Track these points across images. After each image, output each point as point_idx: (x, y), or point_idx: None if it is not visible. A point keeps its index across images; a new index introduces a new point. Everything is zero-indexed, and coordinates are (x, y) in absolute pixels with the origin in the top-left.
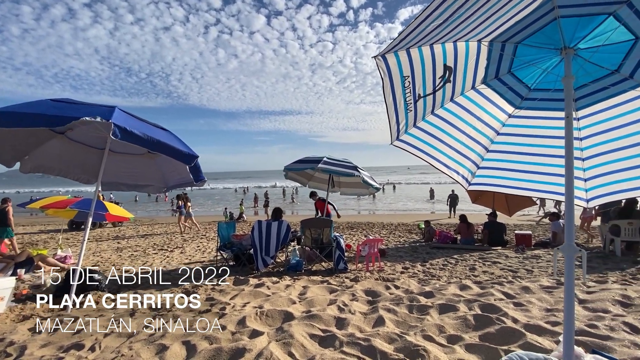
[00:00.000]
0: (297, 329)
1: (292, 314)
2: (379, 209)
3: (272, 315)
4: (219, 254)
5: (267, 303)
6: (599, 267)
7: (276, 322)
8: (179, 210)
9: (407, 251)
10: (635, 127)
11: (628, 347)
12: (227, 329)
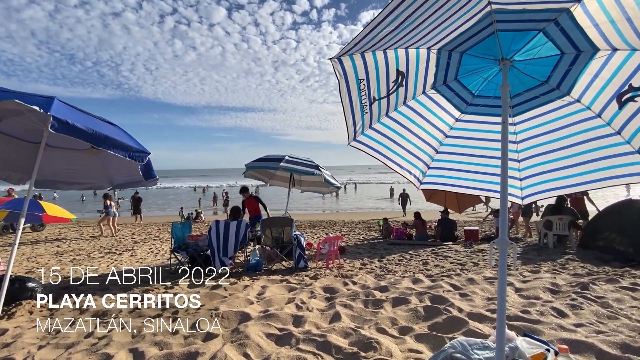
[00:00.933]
0: (253, 329)
1: (249, 314)
2: (341, 207)
3: (227, 317)
4: (173, 256)
5: (223, 305)
6: (534, 259)
7: (232, 323)
8: (106, 211)
9: (366, 248)
10: (561, 132)
11: (555, 330)
12: (180, 333)
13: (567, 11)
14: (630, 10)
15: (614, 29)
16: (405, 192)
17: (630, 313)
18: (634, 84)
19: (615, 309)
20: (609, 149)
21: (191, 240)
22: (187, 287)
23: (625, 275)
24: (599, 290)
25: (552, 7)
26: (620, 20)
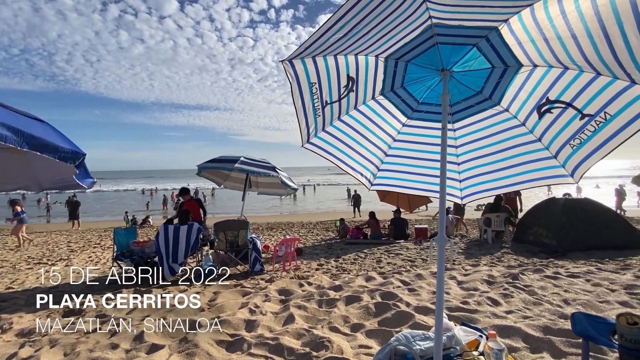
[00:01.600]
0: (203, 337)
1: (199, 322)
2: (300, 208)
3: (175, 327)
4: (115, 265)
5: (170, 314)
6: (475, 253)
7: (180, 333)
8: (19, 218)
9: (323, 248)
10: (493, 138)
11: (489, 317)
12: (120, 347)
13: (496, 29)
14: (546, 32)
15: (534, 47)
16: (357, 194)
17: (552, 299)
18: (550, 97)
19: (539, 295)
20: (532, 154)
21: (136, 246)
22: (131, 297)
23: (549, 265)
24: (527, 280)
25: (483, 25)
26: (538, 40)
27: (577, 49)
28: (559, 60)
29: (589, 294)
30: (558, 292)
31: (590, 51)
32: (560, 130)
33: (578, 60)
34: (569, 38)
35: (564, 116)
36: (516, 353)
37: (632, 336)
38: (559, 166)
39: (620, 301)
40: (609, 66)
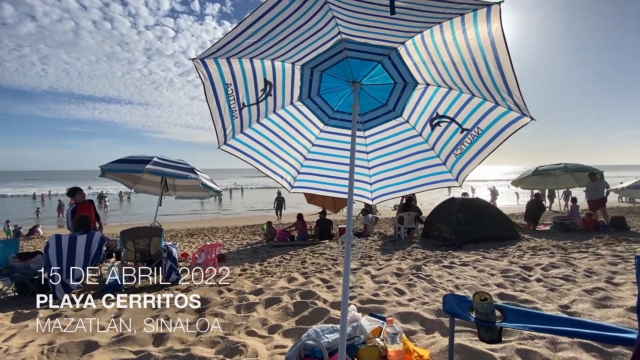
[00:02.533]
0: (100, 357)
1: (97, 342)
2: (225, 212)
3: (67, 350)
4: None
5: (61, 337)
6: (390, 249)
7: (72, 356)
8: None
9: (249, 253)
10: (397, 146)
11: (394, 306)
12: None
13: (396, 50)
14: (433, 56)
15: (426, 68)
16: (281, 196)
17: (446, 285)
18: (439, 112)
19: (436, 283)
20: (427, 160)
21: (17, 262)
22: (9, 321)
23: (448, 257)
24: (428, 270)
25: (385, 44)
26: (428, 62)
27: (456, 73)
28: (444, 81)
29: (475, 279)
30: (451, 279)
31: (465, 76)
32: (447, 141)
33: (457, 82)
34: (450, 63)
35: (449, 129)
36: (414, 335)
37: (482, 310)
38: (447, 171)
39: (497, 283)
40: (479, 89)
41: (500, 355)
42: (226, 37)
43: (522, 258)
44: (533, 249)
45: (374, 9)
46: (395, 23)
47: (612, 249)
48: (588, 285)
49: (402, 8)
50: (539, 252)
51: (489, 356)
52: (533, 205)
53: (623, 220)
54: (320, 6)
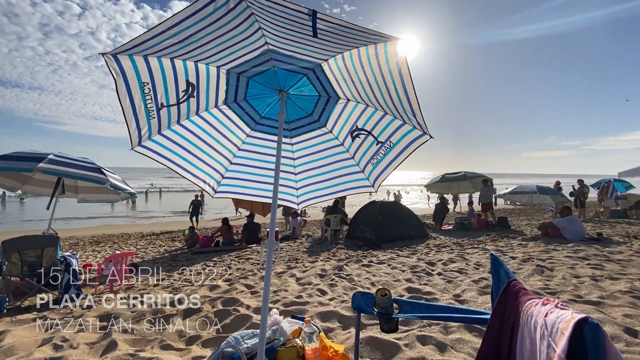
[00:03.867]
0: None
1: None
2: (140, 217)
3: None
4: None
5: None
6: (317, 251)
7: None
8: None
9: (167, 261)
10: (322, 154)
11: (316, 307)
12: None
13: (320, 65)
14: (352, 76)
15: (346, 85)
16: (198, 200)
17: (363, 283)
18: (358, 125)
19: (355, 282)
20: (348, 168)
21: None
22: None
23: (367, 256)
24: (349, 270)
25: (310, 59)
26: (348, 80)
27: (370, 92)
28: (362, 98)
29: (388, 276)
30: (369, 277)
31: (378, 95)
32: (365, 151)
33: (372, 100)
34: (366, 83)
35: (367, 141)
36: (332, 332)
37: (383, 304)
38: (365, 178)
39: (406, 278)
40: (389, 108)
41: (404, 343)
42: (144, 35)
43: (428, 255)
44: (438, 247)
45: (298, 28)
46: (318, 43)
47: (495, 244)
48: (476, 276)
49: (323, 31)
50: (442, 249)
51: (394, 345)
52: (439, 207)
53: (506, 220)
54: (246, 16)
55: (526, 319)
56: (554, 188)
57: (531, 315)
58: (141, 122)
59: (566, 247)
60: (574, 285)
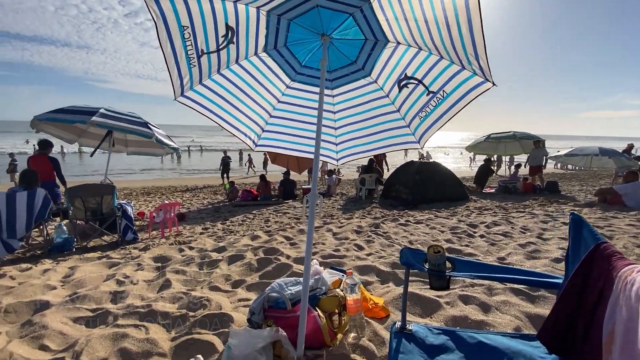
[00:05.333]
0: (54, 317)
1: (49, 302)
2: (184, 171)
3: (15, 310)
4: None
5: (7, 297)
6: (351, 208)
7: (22, 316)
8: None
9: (210, 212)
10: (364, 107)
11: (354, 260)
12: None
13: (369, 2)
14: (407, 13)
15: (397, 25)
16: (227, 156)
17: (401, 241)
18: (407, 73)
19: (392, 239)
20: (392, 122)
21: None
22: None
23: (403, 216)
24: (385, 228)
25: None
26: (401, 19)
27: (427, 32)
28: (415, 40)
29: (427, 235)
30: (406, 235)
31: (436, 35)
32: (412, 103)
33: (427, 42)
34: (422, 21)
35: (416, 91)
36: (370, 285)
37: (435, 261)
38: (410, 134)
39: (446, 239)
40: (447, 50)
41: (445, 301)
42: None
43: (469, 217)
44: (479, 209)
45: None
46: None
47: (544, 209)
48: (522, 240)
49: None
50: (484, 211)
51: (435, 302)
52: (482, 168)
53: (556, 184)
54: None
55: (623, 287)
56: (623, 152)
57: (631, 283)
58: (183, 70)
59: (628, 215)
60: (637, 255)
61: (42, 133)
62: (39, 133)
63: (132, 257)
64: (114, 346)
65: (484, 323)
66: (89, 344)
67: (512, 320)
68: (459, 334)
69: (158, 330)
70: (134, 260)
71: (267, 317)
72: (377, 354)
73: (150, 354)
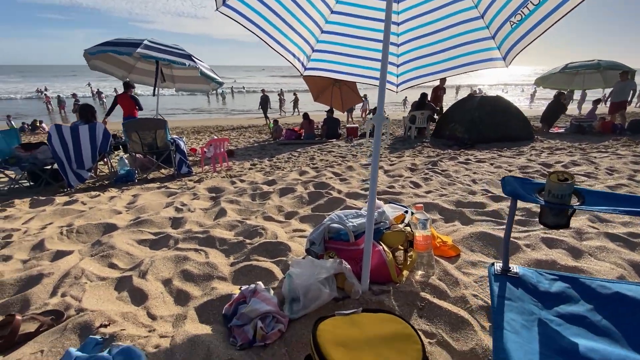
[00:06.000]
0: (120, 238)
1: (115, 224)
2: (229, 111)
3: (86, 231)
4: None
5: (79, 219)
6: (400, 148)
7: (92, 237)
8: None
9: (256, 150)
10: (434, 14)
11: (412, 197)
12: (14, 257)
13: None
14: None
15: None
16: (265, 95)
17: (463, 180)
18: None
19: (453, 177)
20: (472, 33)
21: (22, 152)
22: (27, 207)
23: (461, 155)
24: (444, 166)
25: None
26: None
27: None
28: None
29: (492, 174)
30: (468, 174)
31: None
32: (503, 5)
33: None
34: None
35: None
36: (434, 224)
37: (559, 192)
38: (494, 48)
39: None
40: None
41: (525, 243)
42: None
43: (540, 156)
44: (549, 149)
45: None
46: None
47: (631, 150)
48: (610, 182)
49: None
50: (555, 151)
51: (513, 243)
52: (553, 105)
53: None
54: None
55: None
56: None
57: None
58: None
59: None
60: None
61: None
62: (94, 70)
63: (187, 187)
64: (176, 268)
65: (578, 269)
66: (153, 265)
67: (613, 268)
68: (583, 281)
69: (217, 255)
70: (189, 190)
71: (328, 249)
72: (450, 294)
73: (211, 277)
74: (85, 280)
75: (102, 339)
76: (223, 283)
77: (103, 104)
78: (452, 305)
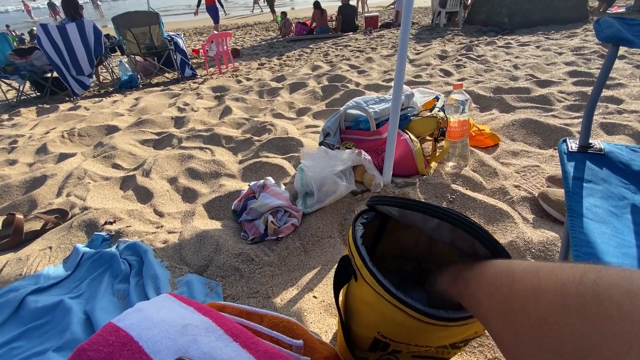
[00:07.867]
0: (122, 139)
1: (117, 126)
2: (232, 9)
3: (88, 134)
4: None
5: (82, 123)
6: (426, 37)
7: (95, 139)
8: None
9: (264, 48)
10: None
11: (441, 86)
12: (20, 161)
13: None
14: None
15: None
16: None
17: (503, 65)
18: None
19: (491, 63)
20: None
21: (17, 59)
22: (33, 115)
23: (500, 40)
24: (480, 51)
25: None
26: None
27: None
28: None
29: (539, 58)
30: (509, 59)
31: None
32: None
33: None
34: None
35: None
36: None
37: None
38: None
39: (567, 62)
40: None
41: (577, 130)
42: None
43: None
44: None
45: None
46: None
47: None
48: None
49: None
50: None
51: (563, 130)
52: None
53: None
54: None
55: None
56: None
57: None
58: None
59: None
60: None
61: None
62: None
63: (191, 88)
64: (181, 166)
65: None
66: (157, 163)
67: None
68: None
69: (224, 152)
70: (193, 90)
71: (345, 140)
72: (486, 186)
73: (218, 175)
74: (89, 181)
75: (108, 235)
76: (232, 180)
77: (98, 7)
78: (489, 197)
